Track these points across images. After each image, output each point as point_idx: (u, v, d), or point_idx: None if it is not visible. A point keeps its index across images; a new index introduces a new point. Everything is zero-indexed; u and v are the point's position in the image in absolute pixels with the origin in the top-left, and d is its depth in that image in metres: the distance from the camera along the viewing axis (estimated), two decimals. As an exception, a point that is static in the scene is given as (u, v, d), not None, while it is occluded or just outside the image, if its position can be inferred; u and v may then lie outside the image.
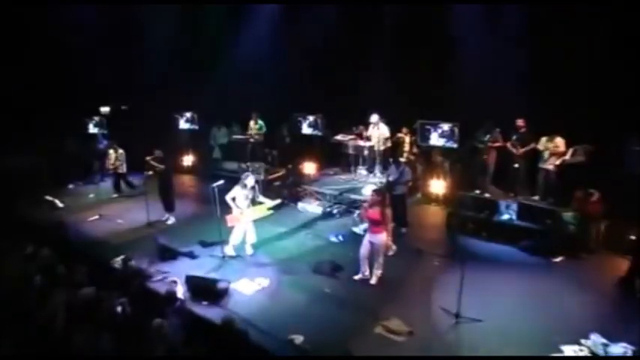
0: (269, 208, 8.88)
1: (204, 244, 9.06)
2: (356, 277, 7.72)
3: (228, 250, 8.60)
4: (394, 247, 7.93)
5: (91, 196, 12.45)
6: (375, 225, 7.38)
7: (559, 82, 9.67)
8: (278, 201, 9.20)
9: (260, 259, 8.60)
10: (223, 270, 8.15)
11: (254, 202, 8.67)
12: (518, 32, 10.20)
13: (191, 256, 8.71)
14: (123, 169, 12.35)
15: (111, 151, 12.37)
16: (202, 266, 8.22)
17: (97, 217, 10.82)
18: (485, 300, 6.99)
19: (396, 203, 8.76)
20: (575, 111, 9.44)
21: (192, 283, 7.36)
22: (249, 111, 13.57)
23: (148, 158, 10.41)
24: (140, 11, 14.42)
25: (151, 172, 10.47)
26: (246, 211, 8.50)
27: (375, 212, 7.33)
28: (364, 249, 7.56)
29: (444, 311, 6.72)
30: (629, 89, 8.81)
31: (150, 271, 7.99)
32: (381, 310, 6.87)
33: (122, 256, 8.12)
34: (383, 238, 7.37)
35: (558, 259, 8.20)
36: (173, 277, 7.64)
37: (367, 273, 7.66)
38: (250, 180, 8.47)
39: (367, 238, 7.53)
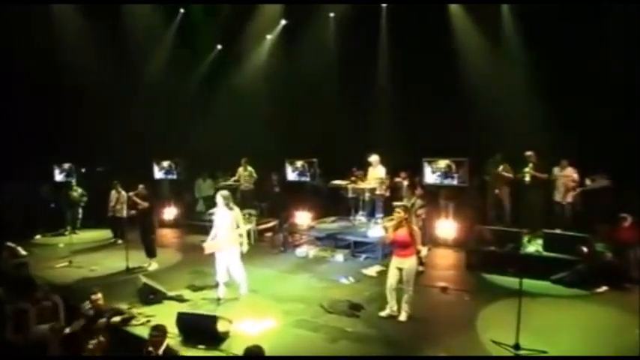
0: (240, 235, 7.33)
1: (195, 289, 7.71)
2: (383, 314, 6.42)
3: (220, 291, 7.20)
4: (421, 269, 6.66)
5: (61, 245, 10.79)
6: (404, 248, 6.24)
7: (568, 111, 9.24)
8: (250, 226, 7.60)
9: (261, 300, 7.23)
10: (219, 313, 6.63)
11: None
12: (523, 58, 9.90)
13: (180, 299, 7.25)
14: (122, 213, 11.02)
15: (112, 192, 11.18)
16: (194, 310, 6.71)
17: (66, 264, 9.23)
18: (538, 333, 5.76)
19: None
20: (585, 138, 9.04)
21: (186, 322, 5.86)
22: (236, 160, 12.54)
23: (131, 194, 9.14)
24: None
25: (133, 212, 9.17)
26: (223, 238, 7.06)
27: (402, 233, 6.20)
28: (392, 278, 6.33)
29: (497, 344, 5.42)
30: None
31: (130, 313, 6.45)
32: (421, 346, 5.58)
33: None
34: (413, 262, 6.20)
35: (602, 290, 7.11)
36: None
37: (395, 308, 6.35)
38: (220, 199, 7.09)
39: (394, 264, 6.34)
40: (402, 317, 6.26)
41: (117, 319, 6.04)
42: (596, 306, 6.70)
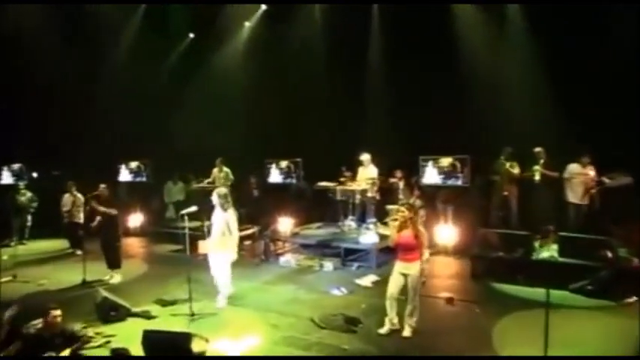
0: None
1: (165, 304, 7.11)
2: (382, 331, 5.92)
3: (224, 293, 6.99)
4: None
5: (5, 257, 9.96)
6: (409, 251, 5.78)
7: (577, 105, 8.96)
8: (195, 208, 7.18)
9: (242, 315, 6.73)
10: (193, 330, 6.05)
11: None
12: (529, 47, 9.68)
13: (146, 316, 6.65)
14: (80, 218, 10.39)
15: (66, 196, 10.57)
16: (163, 328, 6.09)
17: (9, 278, 8.44)
18: (565, 350, 5.29)
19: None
20: (596, 134, 8.80)
21: (153, 341, 5.24)
22: (211, 161, 11.90)
23: (90, 196, 8.47)
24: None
25: (96, 222, 8.58)
26: (214, 241, 6.93)
27: (407, 234, 5.77)
28: (394, 286, 5.86)
29: (521, 363, 4.99)
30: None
31: (85, 335, 5.76)
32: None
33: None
34: (419, 268, 5.76)
35: (631, 300, 6.72)
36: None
37: (396, 321, 5.87)
38: (216, 198, 6.98)
39: (397, 269, 5.88)
40: (407, 332, 5.78)
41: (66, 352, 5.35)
42: (625, 319, 6.22)
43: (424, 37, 10.31)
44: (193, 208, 7.03)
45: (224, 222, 6.80)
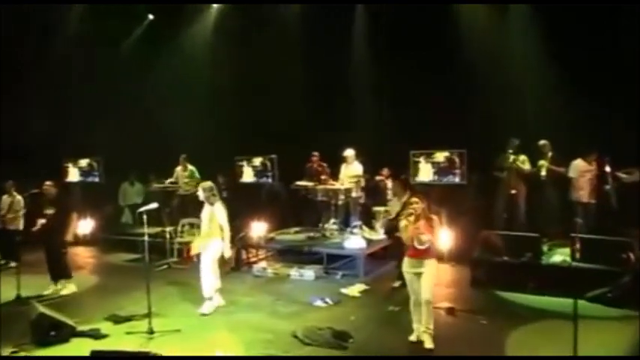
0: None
1: (118, 320, 6.56)
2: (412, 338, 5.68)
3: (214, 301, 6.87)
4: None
5: None
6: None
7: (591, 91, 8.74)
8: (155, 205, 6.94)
9: (211, 331, 6.29)
10: (152, 350, 5.49)
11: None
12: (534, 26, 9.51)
13: (95, 335, 6.06)
14: (17, 224, 9.74)
15: (4, 197, 9.94)
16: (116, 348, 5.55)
17: None
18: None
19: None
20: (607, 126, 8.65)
21: (103, 363, 4.64)
22: (173, 158, 11.51)
23: (27, 195, 7.93)
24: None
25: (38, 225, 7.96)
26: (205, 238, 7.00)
27: (421, 226, 5.48)
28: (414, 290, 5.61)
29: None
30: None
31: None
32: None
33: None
34: (434, 265, 5.59)
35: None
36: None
37: (431, 326, 5.56)
38: (201, 192, 7.12)
39: (408, 270, 5.64)
40: (429, 344, 5.43)
41: None
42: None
43: (413, 20, 10.07)
44: (153, 205, 6.55)
45: (212, 216, 6.86)
